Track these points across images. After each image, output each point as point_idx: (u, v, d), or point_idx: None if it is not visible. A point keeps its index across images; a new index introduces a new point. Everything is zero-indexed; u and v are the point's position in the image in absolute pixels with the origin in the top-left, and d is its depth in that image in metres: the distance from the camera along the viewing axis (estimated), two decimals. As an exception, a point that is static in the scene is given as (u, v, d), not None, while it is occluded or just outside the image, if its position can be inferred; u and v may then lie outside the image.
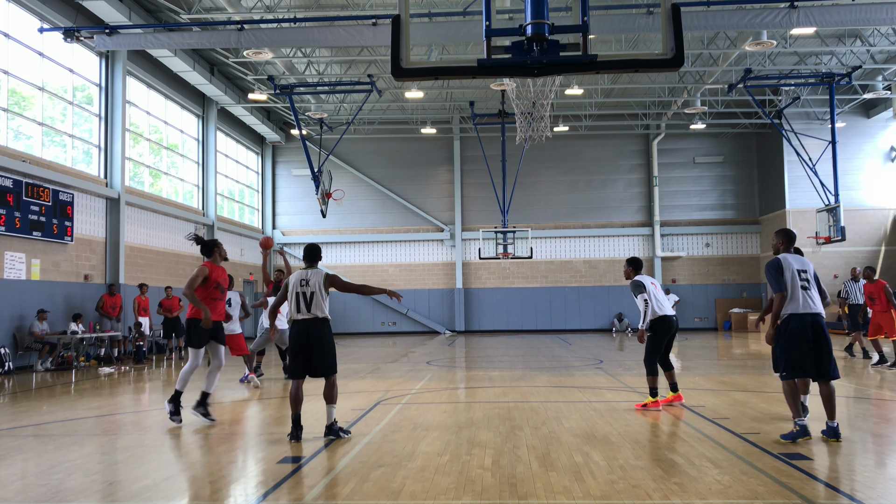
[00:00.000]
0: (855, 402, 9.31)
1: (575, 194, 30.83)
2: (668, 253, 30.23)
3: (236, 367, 14.24)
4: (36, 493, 5.34)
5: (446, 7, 18.54)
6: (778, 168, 28.27)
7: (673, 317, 8.49)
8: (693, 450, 6.32)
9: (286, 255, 10.93)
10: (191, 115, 24.73)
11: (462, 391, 11.02)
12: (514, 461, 6.00)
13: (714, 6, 15.70)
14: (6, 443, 7.30)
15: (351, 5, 19.11)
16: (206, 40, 16.99)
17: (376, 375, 13.29)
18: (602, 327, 30.00)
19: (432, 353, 19.18)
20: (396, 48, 5.33)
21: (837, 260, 27.15)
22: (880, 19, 15.90)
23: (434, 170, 31.24)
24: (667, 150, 30.72)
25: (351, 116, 26.43)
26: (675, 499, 4.86)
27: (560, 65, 5.34)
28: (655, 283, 8.72)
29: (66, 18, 17.14)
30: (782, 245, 6.92)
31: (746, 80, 21.92)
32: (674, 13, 5.22)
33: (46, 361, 15.19)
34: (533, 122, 19.92)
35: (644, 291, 8.42)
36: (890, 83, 24.99)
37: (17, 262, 15.39)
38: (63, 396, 11.13)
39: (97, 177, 18.78)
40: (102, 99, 19.17)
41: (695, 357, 16.49)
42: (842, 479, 5.43)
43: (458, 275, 30.42)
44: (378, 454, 6.35)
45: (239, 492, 5.41)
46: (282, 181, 31.67)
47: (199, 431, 7.92)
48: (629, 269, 8.90)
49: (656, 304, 8.43)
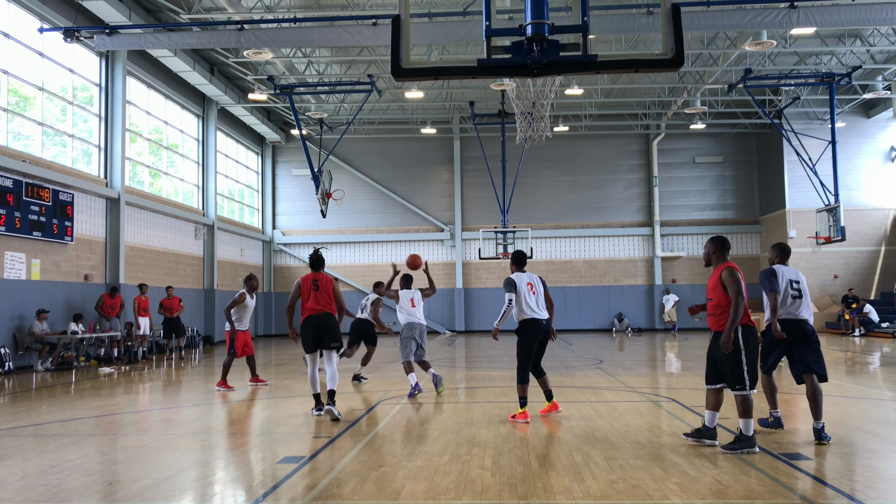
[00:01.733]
0: (855, 401, 9.31)
1: (575, 194, 30.83)
2: (668, 253, 30.24)
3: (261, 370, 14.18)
4: (36, 493, 5.34)
5: (446, 7, 18.54)
6: (778, 168, 28.28)
7: (543, 320, 7.88)
8: (693, 450, 6.32)
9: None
10: (191, 115, 24.73)
11: (462, 391, 11.02)
12: (514, 461, 6.00)
13: (714, 6, 15.69)
14: (6, 443, 7.30)
15: (351, 5, 19.11)
16: (206, 40, 16.99)
17: (376, 375, 13.29)
18: (602, 327, 30.00)
19: (432, 353, 19.18)
20: (396, 48, 5.34)
21: (837, 260, 27.16)
22: (880, 19, 15.90)
23: (434, 170, 31.25)
24: (667, 150, 30.72)
25: (351, 116, 26.44)
26: (674, 499, 4.86)
27: (560, 65, 5.34)
28: (535, 282, 8.04)
29: (66, 18, 17.14)
30: (777, 258, 7.30)
31: (746, 80, 21.92)
32: (674, 13, 5.23)
33: (46, 361, 15.19)
34: (533, 122, 19.91)
35: (513, 291, 7.88)
36: (890, 83, 24.99)
37: (17, 262, 15.40)
38: (63, 396, 11.13)
39: (97, 177, 18.78)
40: (102, 99, 19.17)
41: (695, 357, 16.49)
42: (842, 479, 5.42)
43: (458, 275, 30.42)
44: (378, 454, 6.35)
45: (239, 492, 5.41)
46: (282, 181, 31.68)
47: (200, 431, 7.92)
48: (511, 263, 8.29)
49: (525, 305, 7.86)
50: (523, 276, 8.07)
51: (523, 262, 8.25)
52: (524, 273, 8.13)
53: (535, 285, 8.05)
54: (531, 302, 7.90)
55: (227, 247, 26.76)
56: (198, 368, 15.89)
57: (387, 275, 30.68)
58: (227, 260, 26.69)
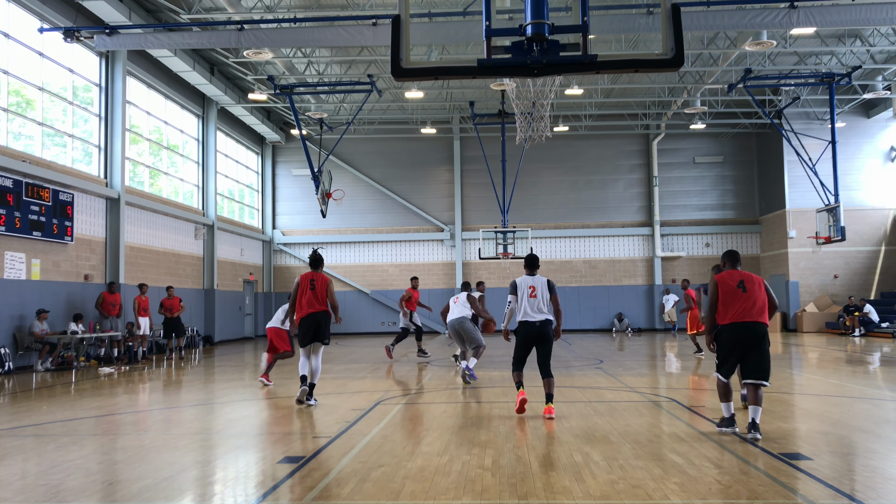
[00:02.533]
0: (855, 401, 9.31)
1: (575, 194, 30.83)
2: (668, 253, 30.23)
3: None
4: (36, 493, 5.34)
5: (446, 7, 18.53)
6: (778, 168, 28.27)
7: (536, 323, 8.16)
8: (693, 450, 6.33)
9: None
10: (191, 115, 24.73)
11: (462, 391, 11.02)
12: (514, 461, 6.00)
13: (714, 6, 15.69)
14: (6, 443, 7.30)
15: (351, 5, 19.11)
16: (206, 40, 16.98)
17: (376, 375, 13.29)
18: (602, 327, 29.99)
19: (432, 353, 19.19)
20: (396, 48, 5.34)
21: (837, 260, 27.16)
22: (880, 19, 15.89)
23: (434, 170, 31.24)
24: (667, 150, 30.71)
25: (351, 116, 26.43)
26: (675, 499, 4.86)
27: (560, 65, 5.34)
28: (538, 285, 8.29)
29: (66, 18, 17.14)
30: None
31: (746, 80, 21.92)
32: (674, 13, 5.23)
33: (46, 361, 15.19)
34: (533, 122, 19.91)
35: (513, 294, 8.32)
36: (890, 83, 24.98)
37: (17, 262, 15.40)
38: (63, 396, 11.13)
39: (97, 177, 18.78)
40: (102, 99, 19.17)
41: (695, 357, 16.49)
42: (842, 479, 5.42)
43: (458, 275, 30.40)
44: (378, 454, 6.35)
45: (239, 492, 5.41)
46: (282, 181, 31.67)
47: (200, 431, 7.93)
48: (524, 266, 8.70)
49: (520, 308, 8.24)
50: (528, 279, 8.39)
51: (531, 266, 8.60)
52: (531, 276, 8.44)
53: (538, 289, 8.30)
54: (526, 305, 8.25)
55: (227, 247, 26.75)
56: (198, 368, 15.89)
57: (387, 275, 30.72)
58: (227, 260, 26.69)
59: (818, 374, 13.01)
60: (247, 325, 28.95)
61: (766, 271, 29.61)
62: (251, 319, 29.41)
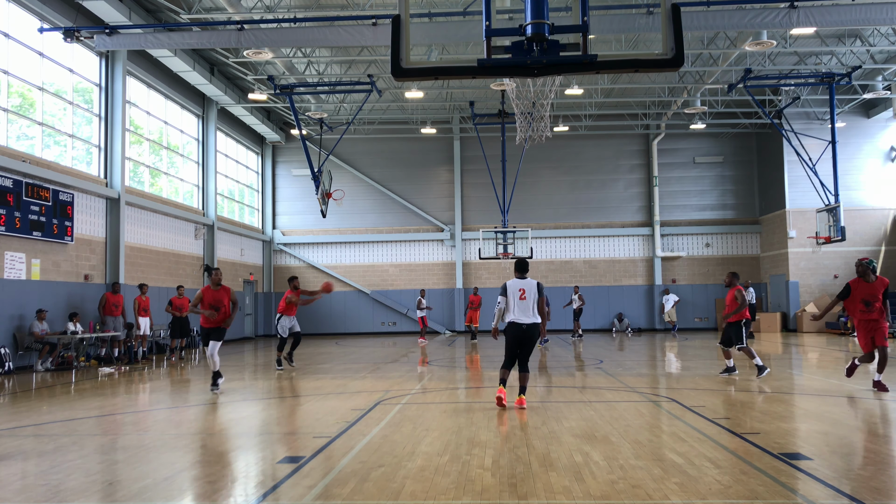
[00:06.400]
0: (855, 401, 9.31)
1: (575, 194, 30.82)
2: (668, 253, 30.23)
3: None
4: (36, 493, 5.34)
5: (446, 7, 18.53)
6: (778, 168, 28.27)
7: (524, 325, 8.61)
8: (693, 450, 6.33)
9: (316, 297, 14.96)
10: (191, 115, 24.73)
11: (462, 391, 11.02)
12: (514, 461, 6.00)
13: (714, 6, 15.69)
14: (6, 443, 7.30)
15: (351, 5, 19.11)
16: (206, 40, 16.98)
17: (376, 375, 13.29)
18: (602, 327, 29.99)
19: (432, 353, 19.19)
20: (396, 48, 5.34)
21: (837, 260, 27.15)
22: (880, 19, 15.89)
23: (434, 170, 31.24)
24: (667, 150, 30.71)
25: (351, 116, 26.43)
26: (674, 499, 4.86)
27: (560, 65, 5.34)
28: (527, 288, 8.68)
29: (66, 18, 17.13)
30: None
31: (746, 80, 21.91)
32: (674, 13, 5.23)
33: (46, 361, 15.19)
34: (533, 122, 19.90)
35: (503, 296, 8.76)
36: (890, 83, 24.98)
37: (17, 262, 15.40)
38: (63, 396, 11.13)
39: (97, 177, 18.78)
40: (102, 99, 19.17)
41: (695, 357, 16.49)
42: (842, 479, 5.42)
43: (458, 275, 30.41)
44: (378, 454, 6.35)
45: (239, 492, 5.41)
46: (282, 181, 31.67)
47: (199, 432, 7.92)
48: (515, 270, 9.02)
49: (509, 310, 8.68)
50: (518, 282, 8.79)
51: (521, 270, 8.94)
52: (520, 280, 8.82)
53: (528, 292, 8.70)
54: (515, 308, 8.69)
55: (227, 247, 26.75)
56: (198, 368, 15.88)
57: (387, 275, 30.73)
58: (227, 260, 26.68)
59: (818, 374, 13.01)
60: (247, 325, 28.95)
61: (766, 271, 29.62)
62: (251, 320, 29.42)
